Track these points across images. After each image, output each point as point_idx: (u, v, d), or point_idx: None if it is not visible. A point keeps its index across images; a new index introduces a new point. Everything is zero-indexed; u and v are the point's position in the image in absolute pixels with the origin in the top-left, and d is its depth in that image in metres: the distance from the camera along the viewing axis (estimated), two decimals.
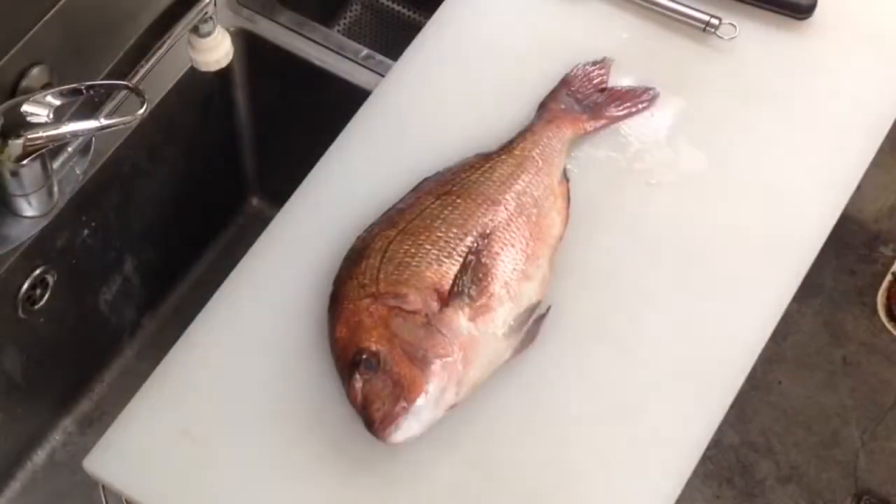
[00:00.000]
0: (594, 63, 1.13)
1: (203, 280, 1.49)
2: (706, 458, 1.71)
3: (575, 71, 1.12)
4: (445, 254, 0.95)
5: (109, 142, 1.19)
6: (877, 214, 1.99)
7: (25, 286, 1.16)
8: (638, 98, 1.11)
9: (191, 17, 1.04)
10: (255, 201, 1.55)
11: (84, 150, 1.15)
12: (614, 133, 1.10)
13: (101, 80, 1.14)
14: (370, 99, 1.13)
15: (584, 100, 1.10)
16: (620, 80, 1.13)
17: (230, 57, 1.12)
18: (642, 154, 1.09)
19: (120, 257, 1.32)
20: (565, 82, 1.11)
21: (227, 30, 1.11)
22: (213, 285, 1.02)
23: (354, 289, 0.94)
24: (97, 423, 1.40)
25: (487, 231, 0.97)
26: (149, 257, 1.38)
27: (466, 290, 0.93)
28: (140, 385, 0.97)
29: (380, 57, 1.27)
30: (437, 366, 0.88)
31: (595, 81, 1.11)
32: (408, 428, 0.87)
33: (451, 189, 1.00)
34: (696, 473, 0.96)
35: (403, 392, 0.87)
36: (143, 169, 1.27)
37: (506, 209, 0.99)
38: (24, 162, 1.00)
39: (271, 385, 0.97)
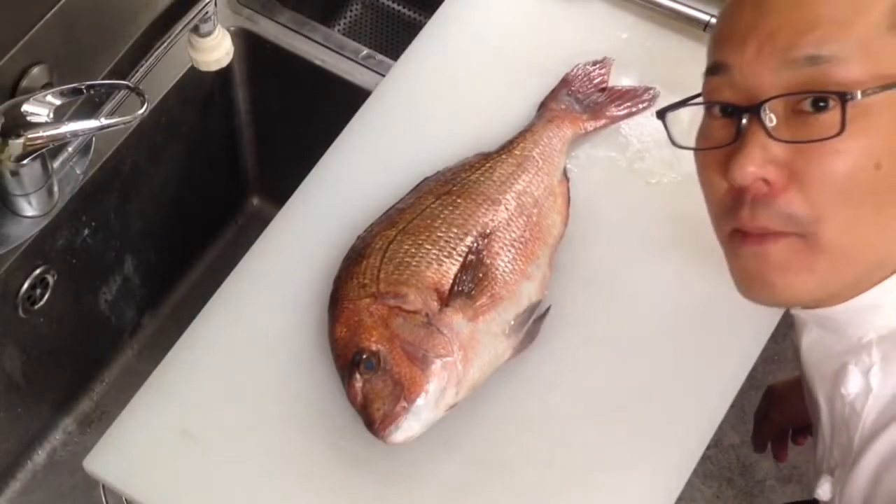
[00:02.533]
0: (594, 63, 1.13)
1: (203, 280, 1.49)
2: (706, 458, 1.72)
3: (575, 71, 1.12)
4: (445, 253, 0.95)
5: (109, 142, 1.19)
6: None
7: (25, 286, 1.16)
8: (638, 98, 1.11)
9: (191, 17, 1.04)
10: (255, 201, 1.55)
11: (84, 149, 1.15)
12: (614, 133, 1.10)
13: (101, 79, 1.14)
14: (370, 99, 1.13)
15: (585, 99, 1.10)
16: (620, 79, 1.13)
17: (230, 57, 1.12)
18: (642, 154, 1.09)
19: (120, 257, 1.32)
20: (565, 82, 1.11)
21: (227, 29, 1.11)
22: (213, 285, 1.02)
23: (354, 288, 0.94)
24: (97, 423, 1.40)
25: (487, 231, 0.97)
26: (149, 257, 1.38)
27: (467, 290, 0.93)
28: (140, 385, 0.97)
29: (380, 57, 1.27)
30: (437, 366, 0.88)
31: (595, 81, 1.11)
32: (408, 428, 0.87)
33: (452, 189, 1.00)
34: (696, 473, 0.96)
35: (403, 392, 0.87)
36: (143, 169, 1.27)
37: (506, 209, 0.99)
38: (25, 162, 1.00)
39: (271, 385, 0.97)
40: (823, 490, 0.83)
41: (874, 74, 0.67)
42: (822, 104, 0.68)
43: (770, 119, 0.70)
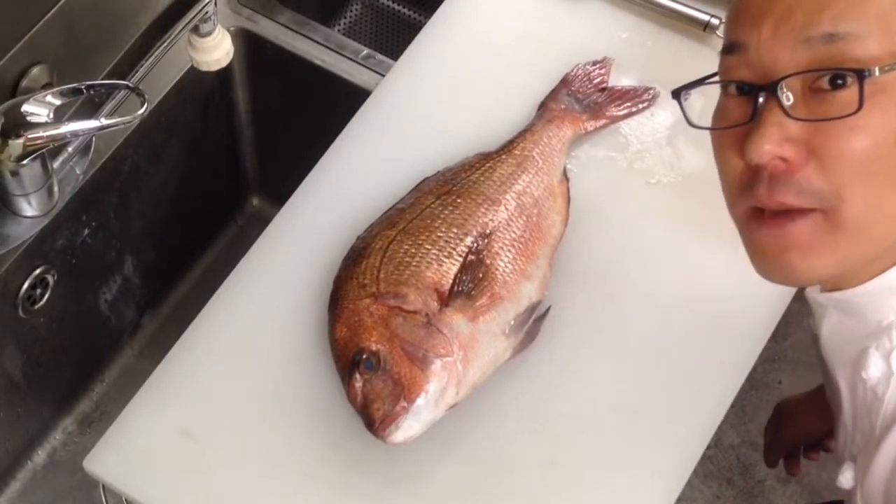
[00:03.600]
0: (594, 63, 1.13)
1: (203, 280, 1.49)
2: (706, 458, 1.72)
3: (575, 71, 1.12)
4: (445, 254, 0.95)
5: (109, 142, 1.19)
6: None
7: (25, 286, 1.16)
8: (638, 98, 1.11)
9: (191, 17, 1.04)
10: (255, 201, 1.55)
11: (84, 149, 1.15)
12: (614, 133, 1.10)
13: (101, 79, 1.14)
14: (370, 99, 1.13)
15: (585, 99, 1.10)
16: (620, 79, 1.13)
17: (230, 57, 1.12)
18: (642, 154, 1.09)
19: (120, 257, 1.32)
20: (565, 82, 1.11)
21: (227, 29, 1.11)
22: (213, 285, 1.02)
23: (354, 289, 0.94)
24: (97, 423, 1.40)
25: (487, 231, 0.97)
26: (149, 257, 1.38)
27: (466, 290, 0.93)
28: (140, 385, 0.97)
29: (380, 57, 1.27)
30: (437, 366, 0.88)
31: (595, 81, 1.11)
32: (408, 428, 0.87)
33: (452, 189, 1.00)
34: (696, 473, 0.96)
35: (403, 392, 0.87)
36: (143, 169, 1.27)
37: (506, 209, 0.99)
38: (25, 162, 1.00)
39: (271, 385, 0.96)
40: (845, 477, 0.82)
41: (892, 51, 0.67)
42: (839, 81, 0.67)
43: (787, 97, 0.69)
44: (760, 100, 0.70)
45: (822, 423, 1.17)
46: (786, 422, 1.25)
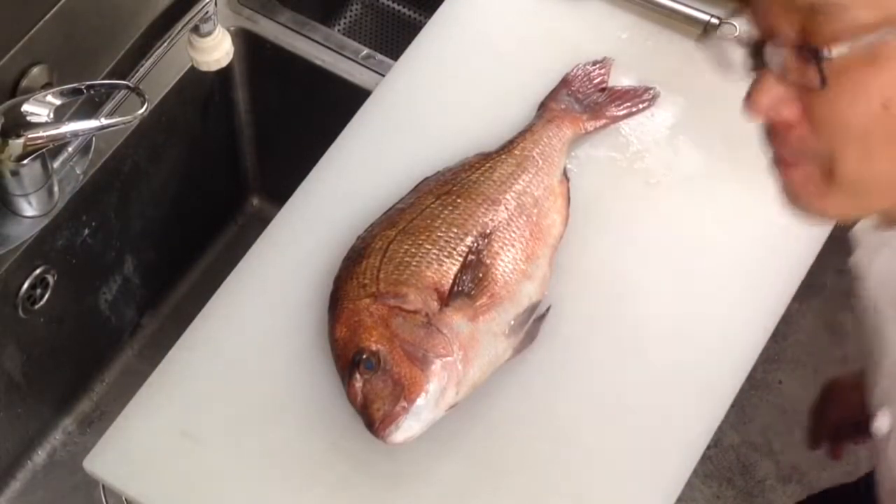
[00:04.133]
0: (594, 63, 1.13)
1: (203, 280, 1.49)
2: (706, 458, 1.72)
3: (575, 71, 1.12)
4: (446, 253, 0.95)
5: (110, 142, 1.19)
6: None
7: (25, 286, 1.16)
8: (638, 98, 1.11)
9: (191, 17, 1.04)
10: (255, 201, 1.55)
11: (84, 149, 1.15)
12: (614, 133, 1.10)
13: (101, 79, 1.14)
14: (370, 99, 1.13)
15: (585, 99, 1.10)
16: (620, 79, 1.12)
17: (230, 57, 1.12)
18: (642, 154, 1.09)
19: (120, 257, 1.32)
20: (565, 82, 1.11)
21: (227, 29, 1.11)
22: (213, 285, 1.02)
23: (354, 289, 0.94)
24: (97, 423, 1.40)
25: (487, 231, 0.97)
26: (149, 257, 1.38)
27: (466, 290, 0.93)
28: (140, 385, 0.97)
29: (380, 57, 1.27)
30: (437, 365, 0.88)
31: (595, 81, 1.11)
32: (408, 428, 0.87)
33: (452, 189, 1.00)
34: (696, 473, 0.96)
35: (403, 392, 0.87)
36: (143, 169, 1.27)
37: (506, 209, 0.99)
38: (25, 162, 1.00)
39: (271, 385, 0.96)
40: (882, 423, 0.81)
41: (880, 19, 0.65)
42: (818, 53, 0.67)
43: (776, 59, 0.69)
44: (763, 58, 0.70)
45: None
46: (835, 401, 1.22)
